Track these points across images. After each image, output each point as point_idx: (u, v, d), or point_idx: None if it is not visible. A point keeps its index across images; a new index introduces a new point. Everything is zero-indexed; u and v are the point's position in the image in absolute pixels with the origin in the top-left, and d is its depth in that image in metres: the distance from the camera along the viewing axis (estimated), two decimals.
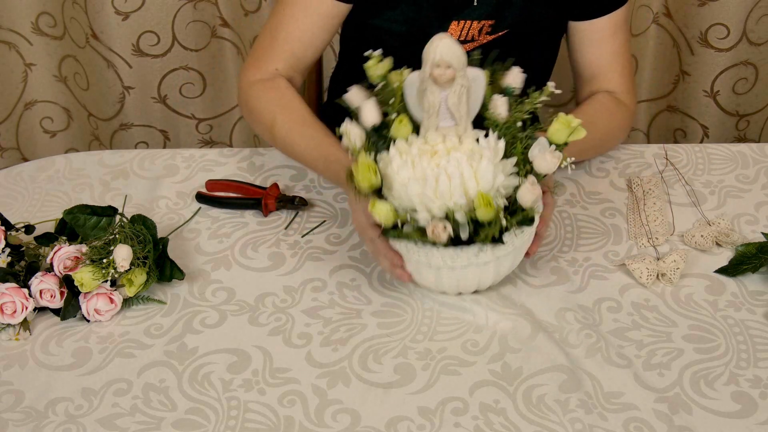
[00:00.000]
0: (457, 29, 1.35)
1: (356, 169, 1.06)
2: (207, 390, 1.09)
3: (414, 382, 1.09)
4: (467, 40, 1.36)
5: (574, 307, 1.19)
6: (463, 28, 1.34)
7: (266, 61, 1.38)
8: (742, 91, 2.11)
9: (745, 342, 1.13)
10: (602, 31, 1.41)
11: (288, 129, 1.33)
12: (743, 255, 1.24)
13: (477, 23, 1.34)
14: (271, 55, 1.38)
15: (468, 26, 1.34)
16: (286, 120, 1.33)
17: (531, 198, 1.06)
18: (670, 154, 1.47)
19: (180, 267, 1.23)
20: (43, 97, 2.17)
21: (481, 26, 1.35)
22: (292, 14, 1.36)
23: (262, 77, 1.39)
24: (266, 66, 1.38)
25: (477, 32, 1.35)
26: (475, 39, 1.36)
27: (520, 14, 1.36)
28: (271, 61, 1.37)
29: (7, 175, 1.47)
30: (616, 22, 1.41)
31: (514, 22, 1.36)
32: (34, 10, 2.03)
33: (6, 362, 1.14)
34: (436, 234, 1.05)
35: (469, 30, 1.34)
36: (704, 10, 1.99)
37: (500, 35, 1.37)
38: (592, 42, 1.42)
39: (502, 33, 1.36)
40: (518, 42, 1.38)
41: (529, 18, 1.37)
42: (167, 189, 1.42)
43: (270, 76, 1.38)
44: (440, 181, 1.04)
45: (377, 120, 1.12)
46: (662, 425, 1.03)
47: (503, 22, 1.36)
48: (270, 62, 1.38)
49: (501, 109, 1.12)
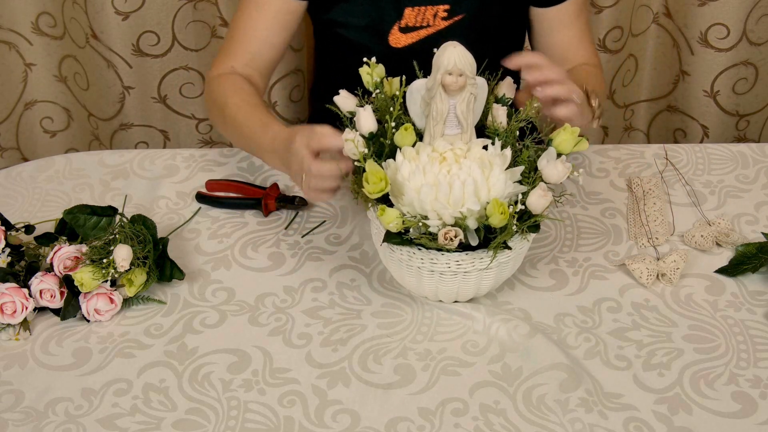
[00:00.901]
0: (412, 14, 1.37)
1: (365, 176, 1.07)
2: (207, 390, 1.09)
3: (414, 383, 1.09)
4: (423, 25, 1.37)
5: (574, 307, 1.19)
6: (418, 14, 1.36)
7: (225, 59, 1.41)
8: (742, 91, 2.11)
9: (745, 342, 1.13)
10: (568, 14, 1.42)
11: (237, 109, 1.35)
12: (743, 255, 1.24)
13: (432, 8, 1.36)
14: (229, 53, 1.41)
15: (423, 11, 1.36)
16: (237, 101, 1.35)
17: (542, 204, 1.07)
18: (670, 154, 1.47)
19: (180, 267, 1.23)
20: (43, 97, 2.17)
21: (435, 11, 1.36)
22: (249, 13, 1.39)
23: (221, 73, 1.41)
24: (225, 63, 1.41)
25: (432, 17, 1.37)
26: (431, 24, 1.37)
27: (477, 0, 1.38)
28: (229, 58, 1.41)
29: (7, 175, 1.47)
30: (578, 2, 1.42)
31: (469, 7, 1.38)
32: (34, 10, 2.03)
33: (6, 362, 1.14)
34: (447, 240, 1.05)
35: (424, 15, 1.36)
36: (704, 10, 1.99)
37: (456, 20, 1.38)
38: (559, 26, 1.43)
39: (459, 18, 1.37)
40: (475, 28, 1.39)
41: (486, 3, 1.38)
42: (167, 189, 1.42)
43: (228, 72, 1.41)
44: (454, 187, 1.04)
45: (374, 127, 1.12)
46: (662, 425, 1.03)
47: (459, 7, 1.37)
48: (228, 60, 1.41)
49: (501, 117, 1.13)
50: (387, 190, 1.07)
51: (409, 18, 1.37)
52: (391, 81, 1.17)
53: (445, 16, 1.37)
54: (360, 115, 1.12)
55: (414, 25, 1.37)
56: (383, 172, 1.06)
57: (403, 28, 1.37)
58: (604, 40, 2.02)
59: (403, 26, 1.37)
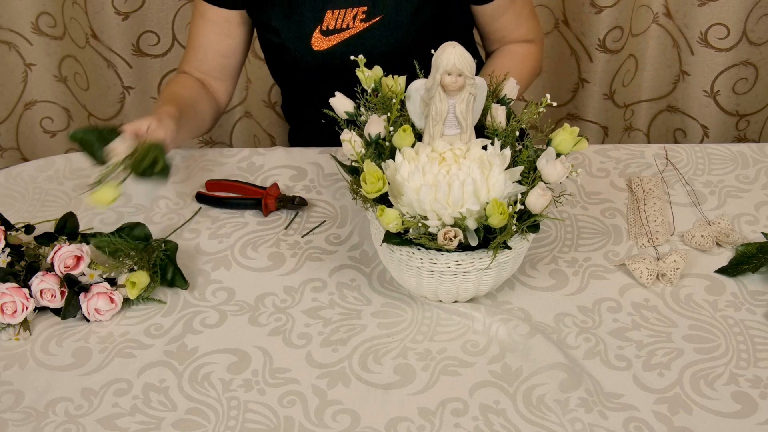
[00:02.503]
0: (332, 18, 1.40)
1: (363, 177, 1.07)
2: (207, 390, 1.09)
3: (414, 383, 1.09)
4: (343, 28, 1.40)
5: (574, 307, 1.19)
6: (338, 17, 1.39)
7: (181, 65, 1.54)
8: (742, 91, 2.11)
9: (745, 342, 1.13)
10: (502, 5, 1.46)
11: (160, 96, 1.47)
12: (743, 255, 1.24)
13: (351, 10, 1.39)
14: (184, 60, 1.53)
15: (343, 14, 1.39)
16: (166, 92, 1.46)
17: (541, 204, 1.07)
18: (670, 154, 1.47)
19: (183, 273, 1.23)
20: (43, 97, 2.17)
21: (354, 13, 1.39)
22: (195, 23, 1.49)
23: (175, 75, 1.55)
24: (180, 68, 1.54)
25: (352, 19, 1.40)
26: (350, 26, 1.40)
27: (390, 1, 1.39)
28: (183, 64, 1.53)
29: (7, 175, 1.47)
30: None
31: (386, 8, 1.40)
32: (34, 10, 2.04)
33: (6, 362, 1.14)
34: (447, 240, 1.05)
35: (344, 18, 1.39)
36: (704, 10, 1.99)
37: (375, 21, 1.40)
38: (497, 15, 1.47)
39: (377, 19, 1.39)
40: (394, 28, 1.41)
41: (401, 4, 1.40)
42: (167, 189, 1.42)
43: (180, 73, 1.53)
44: (453, 187, 1.04)
45: (382, 131, 1.12)
46: (662, 425, 1.03)
47: (376, 9, 1.39)
48: (183, 65, 1.53)
49: (501, 118, 1.13)
50: (385, 190, 1.07)
51: (329, 21, 1.40)
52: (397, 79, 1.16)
53: (363, 18, 1.40)
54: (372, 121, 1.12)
55: (335, 27, 1.40)
56: (381, 172, 1.06)
57: (325, 30, 1.40)
58: (604, 40, 2.02)
59: (324, 29, 1.40)
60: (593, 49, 2.05)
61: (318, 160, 1.48)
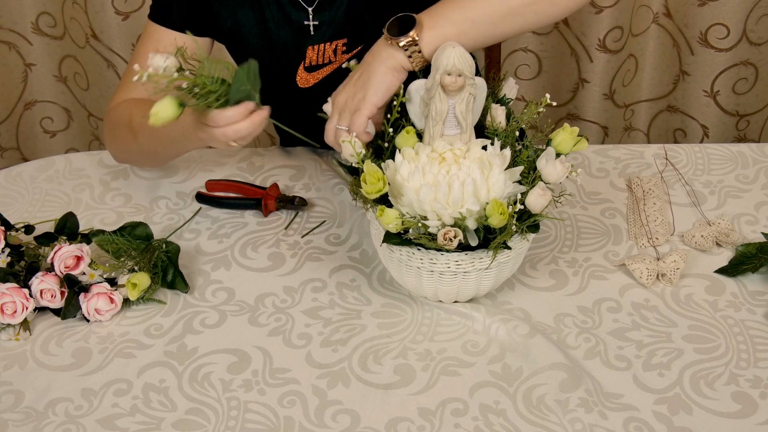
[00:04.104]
0: (314, 54, 1.38)
1: (363, 177, 1.07)
2: (207, 390, 1.09)
3: (414, 383, 1.09)
4: (325, 63, 1.39)
5: (574, 307, 1.19)
6: (318, 52, 1.38)
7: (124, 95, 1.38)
8: (742, 91, 2.11)
9: (745, 342, 1.13)
10: None
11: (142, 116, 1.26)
12: (743, 255, 1.24)
13: (330, 45, 1.37)
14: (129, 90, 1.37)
15: (323, 48, 1.37)
16: (140, 112, 1.29)
17: (541, 204, 1.07)
18: (670, 154, 1.47)
19: (183, 274, 1.23)
20: (43, 97, 2.17)
21: (334, 47, 1.38)
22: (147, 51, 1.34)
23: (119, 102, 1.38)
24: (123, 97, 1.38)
25: (332, 53, 1.38)
26: (332, 60, 1.39)
27: (368, 30, 1.32)
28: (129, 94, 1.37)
29: (7, 175, 1.48)
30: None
31: (366, 38, 1.35)
32: (34, 10, 2.04)
33: (6, 362, 1.14)
34: (447, 240, 1.05)
35: (325, 52, 1.38)
36: (704, 10, 1.99)
37: (357, 52, 1.38)
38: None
39: (358, 49, 1.38)
40: None
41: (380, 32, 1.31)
42: (167, 189, 1.42)
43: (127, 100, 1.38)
44: (453, 187, 1.04)
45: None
46: (662, 426, 1.03)
47: (356, 39, 1.37)
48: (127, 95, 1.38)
49: (501, 118, 1.13)
50: (385, 191, 1.07)
51: (311, 57, 1.38)
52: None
53: (344, 50, 1.38)
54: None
55: (318, 63, 1.38)
56: (381, 173, 1.06)
57: (308, 66, 1.39)
58: (604, 40, 2.02)
59: (307, 65, 1.39)
60: (593, 49, 2.05)
61: (316, 157, 1.48)
